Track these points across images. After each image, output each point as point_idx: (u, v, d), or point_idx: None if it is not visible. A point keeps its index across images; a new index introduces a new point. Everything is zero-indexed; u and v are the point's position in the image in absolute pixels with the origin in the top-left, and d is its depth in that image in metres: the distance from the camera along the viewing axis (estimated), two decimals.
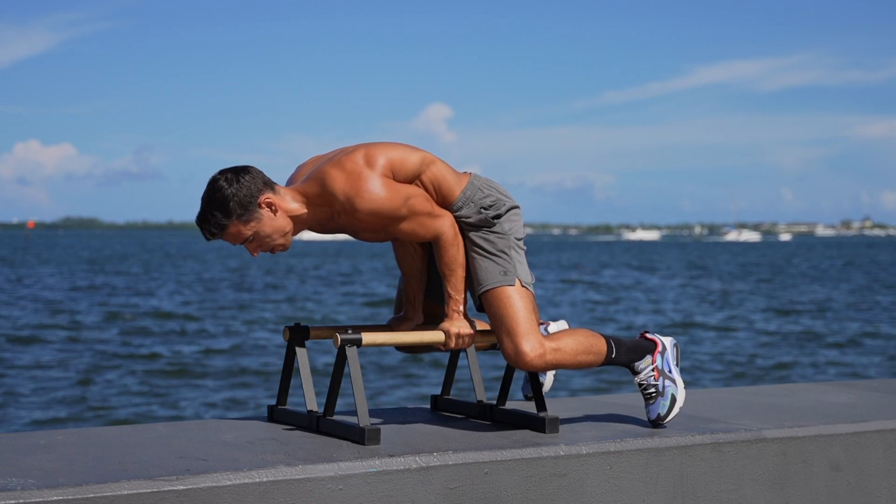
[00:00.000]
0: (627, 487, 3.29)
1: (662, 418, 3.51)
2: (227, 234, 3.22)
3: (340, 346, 3.16)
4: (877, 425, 3.75)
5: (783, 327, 23.31)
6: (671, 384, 3.54)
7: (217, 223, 3.19)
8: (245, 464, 2.86)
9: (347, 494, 2.88)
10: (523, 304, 3.34)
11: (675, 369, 3.57)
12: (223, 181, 3.19)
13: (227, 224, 3.20)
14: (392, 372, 15.41)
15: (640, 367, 3.51)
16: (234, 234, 3.22)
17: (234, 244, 3.28)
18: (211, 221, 3.20)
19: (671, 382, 3.54)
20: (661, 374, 3.53)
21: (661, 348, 3.56)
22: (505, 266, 3.36)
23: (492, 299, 3.35)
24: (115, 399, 13.45)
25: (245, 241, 3.25)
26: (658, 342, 3.57)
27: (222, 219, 3.19)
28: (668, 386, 3.53)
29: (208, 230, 3.21)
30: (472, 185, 3.39)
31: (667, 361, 3.55)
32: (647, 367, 3.52)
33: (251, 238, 3.24)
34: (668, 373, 3.54)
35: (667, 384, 3.53)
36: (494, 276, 3.35)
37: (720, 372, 16.30)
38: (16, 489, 2.55)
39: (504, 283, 3.34)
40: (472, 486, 3.05)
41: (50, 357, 17.11)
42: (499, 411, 3.57)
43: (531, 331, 3.32)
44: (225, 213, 3.18)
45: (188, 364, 16.46)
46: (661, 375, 3.53)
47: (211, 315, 25.45)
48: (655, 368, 3.52)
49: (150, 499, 2.64)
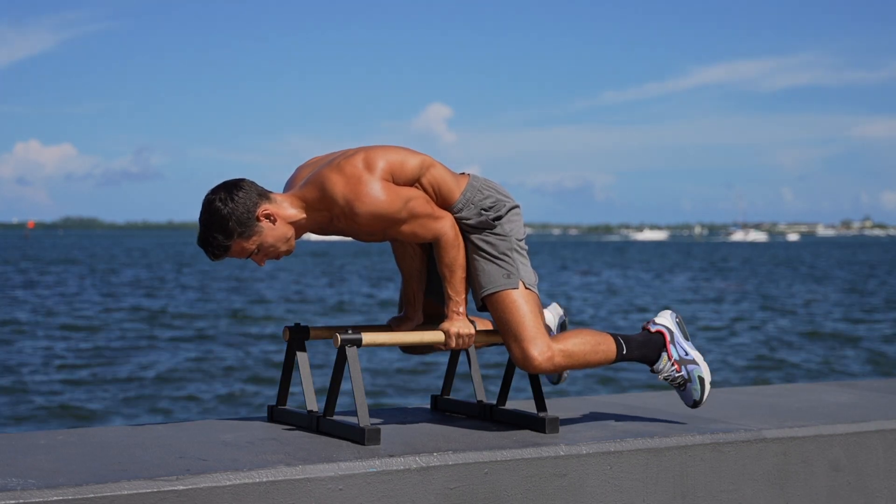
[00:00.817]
0: (627, 487, 3.29)
1: (699, 402, 3.54)
2: (232, 252, 3.22)
3: (340, 346, 3.17)
4: (877, 425, 3.75)
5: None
6: (693, 367, 3.54)
7: (220, 245, 3.19)
8: (245, 464, 2.86)
9: (347, 494, 2.88)
10: (529, 307, 3.34)
11: (690, 349, 3.56)
12: (218, 202, 3.18)
13: (229, 244, 3.19)
14: (392, 372, 15.40)
15: (660, 368, 3.51)
16: (238, 251, 3.22)
17: (241, 258, 3.28)
18: (213, 244, 3.19)
19: (693, 365, 3.54)
20: (681, 363, 3.53)
21: (671, 337, 3.55)
22: (508, 269, 3.35)
23: (496, 303, 3.34)
24: (115, 399, 13.45)
25: (251, 255, 3.25)
26: (665, 332, 3.56)
27: (224, 240, 3.18)
28: (692, 370, 3.54)
29: (212, 252, 3.21)
30: (471, 187, 3.39)
31: (680, 347, 3.55)
32: (665, 364, 3.52)
33: (256, 251, 3.24)
34: (686, 356, 3.54)
35: (690, 368, 3.53)
36: (498, 280, 3.35)
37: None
38: (16, 489, 2.55)
39: (507, 287, 3.34)
40: (472, 487, 3.05)
41: (47, 355, 17.12)
42: (499, 411, 3.57)
43: (538, 334, 3.32)
44: (226, 234, 3.18)
45: (188, 364, 16.46)
46: (681, 364, 3.53)
47: (210, 315, 25.46)
48: (674, 362, 3.53)
49: (150, 499, 2.64)
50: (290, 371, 3.47)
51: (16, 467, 2.77)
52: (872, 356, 18.59)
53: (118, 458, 2.90)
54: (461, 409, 3.71)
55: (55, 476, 2.68)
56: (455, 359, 3.74)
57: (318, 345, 14.14)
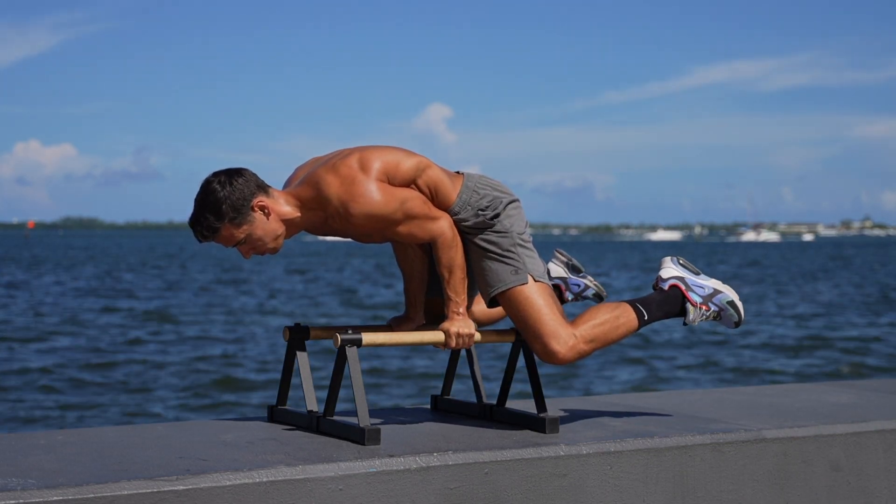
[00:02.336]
0: (627, 487, 3.29)
1: (740, 322, 3.54)
2: (220, 236, 3.22)
3: (340, 347, 3.17)
4: (877, 425, 3.75)
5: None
6: (718, 296, 3.53)
7: (209, 226, 3.19)
8: (245, 464, 2.86)
9: (347, 494, 2.88)
10: (543, 300, 3.34)
11: (705, 282, 3.54)
12: (216, 184, 3.19)
13: (219, 227, 3.20)
14: (392, 372, 15.40)
15: (691, 318, 3.50)
16: (226, 236, 3.22)
17: (227, 246, 3.28)
18: (203, 224, 3.20)
19: (717, 295, 3.53)
20: (706, 301, 3.52)
21: (685, 284, 3.53)
22: (515, 265, 3.35)
23: (509, 301, 3.34)
24: (114, 399, 13.44)
25: (237, 244, 3.25)
26: (678, 283, 3.54)
27: (215, 222, 3.19)
28: (718, 300, 3.52)
29: (200, 232, 3.22)
30: (466, 188, 3.38)
31: (698, 287, 3.53)
32: (694, 313, 3.50)
33: (243, 241, 3.24)
34: (707, 292, 3.52)
35: (717, 300, 3.52)
36: (507, 277, 3.34)
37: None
38: (16, 489, 2.55)
39: (517, 283, 3.34)
40: (473, 487, 3.05)
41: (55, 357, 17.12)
42: (499, 411, 3.57)
43: (558, 326, 3.32)
44: (217, 216, 3.18)
45: (188, 364, 16.46)
46: (707, 302, 3.52)
47: (212, 314, 25.46)
48: (700, 305, 3.51)
49: (150, 499, 2.64)
50: (291, 371, 3.47)
51: (16, 467, 2.77)
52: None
53: (118, 458, 2.90)
54: (461, 409, 3.71)
55: (55, 476, 2.68)
56: (455, 359, 3.74)
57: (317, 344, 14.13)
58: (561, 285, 3.78)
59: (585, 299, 3.83)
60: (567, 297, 3.80)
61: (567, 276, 3.78)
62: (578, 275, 3.81)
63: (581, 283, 3.80)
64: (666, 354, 17.76)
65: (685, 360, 17.19)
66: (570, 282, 3.80)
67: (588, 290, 3.80)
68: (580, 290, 3.79)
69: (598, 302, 3.80)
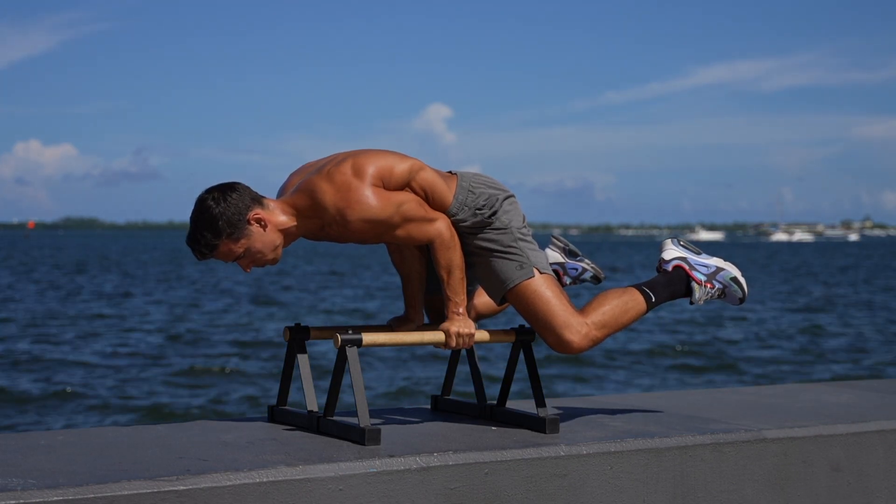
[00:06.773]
0: (627, 487, 3.29)
1: (744, 298, 3.58)
2: (219, 253, 3.22)
3: (341, 347, 3.17)
4: (877, 425, 3.75)
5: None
6: (721, 274, 3.56)
7: (207, 243, 3.19)
8: (245, 464, 2.86)
9: (347, 495, 2.88)
10: (551, 291, 3.36)
11: (707, 261, 3.58)
12: (210, 200, 3.19)
13: (217, 244, 3.19)
14: (392, 372, 15.40)
15: (697, 297, 3.53)
16: (225, 252, 3.22)
17: (227, 262, 3.28)
18: (201, 242, 3.20)
19: (720, 273, 3.56)
20: (710, 279, 3.55)
21: (688, 264, 3.57)
22: (519, 260, 3.36)
23: (518, 297, 3.36)
24: (114, 400, 13.45)
25: (237, 259, 3.25)
26: (681, 263, 3.57)
27: (212, 239, 3.19)
28: (722, 277, 3.56)
29: (199, 251, 3.21)
30: (462, 188, 3.38)
31: (701, 266, 3.57)
32: (699, 292, 3.54)
33: (243, 255, 3.24)
34: (710, 270, 3.56)
35: (720, 277, 3.56)
36: (512, 273, 3.35)
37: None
38: (16, 489, 2.55)
39: (523, 278, 3.35)
40: (473, 487, 3.05)
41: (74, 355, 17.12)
42: (499, 411, 3.57)
43: (569, 316, 3.34)
44: (214, 233, 3.18)
45: (188, 364, 16.46)
46: (712, 280, 3.55)
47: (211, 313, 25.46)
48: (704, 283, 3.54)
49: (150, 499, 2.64)
50: (291, 371, 3.48)
51: (16, 467, 2.77)
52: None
53: (118, 458, 2.90)
54: (461, 410, 3.71)
55: (55, 476, 2.68)
56: (455, 359, 3.74)
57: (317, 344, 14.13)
58: (559, 270, 3.80)
59: (584, 282, 3.86)
60: (565, 282, 3.82)
61: (564, 261, 3.80)
62: (575, 258, 3.83)
63: (578, 267, 3.81)
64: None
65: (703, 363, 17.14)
66: (567, 266, 3.82)
67: (586, 272, 3.82)
68: (578, 273, 3.81)
69: (596, 284, 3.86)
